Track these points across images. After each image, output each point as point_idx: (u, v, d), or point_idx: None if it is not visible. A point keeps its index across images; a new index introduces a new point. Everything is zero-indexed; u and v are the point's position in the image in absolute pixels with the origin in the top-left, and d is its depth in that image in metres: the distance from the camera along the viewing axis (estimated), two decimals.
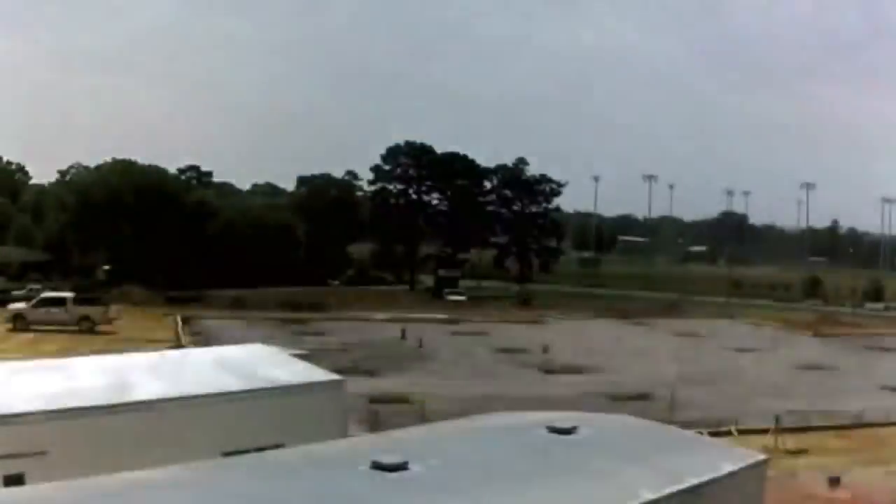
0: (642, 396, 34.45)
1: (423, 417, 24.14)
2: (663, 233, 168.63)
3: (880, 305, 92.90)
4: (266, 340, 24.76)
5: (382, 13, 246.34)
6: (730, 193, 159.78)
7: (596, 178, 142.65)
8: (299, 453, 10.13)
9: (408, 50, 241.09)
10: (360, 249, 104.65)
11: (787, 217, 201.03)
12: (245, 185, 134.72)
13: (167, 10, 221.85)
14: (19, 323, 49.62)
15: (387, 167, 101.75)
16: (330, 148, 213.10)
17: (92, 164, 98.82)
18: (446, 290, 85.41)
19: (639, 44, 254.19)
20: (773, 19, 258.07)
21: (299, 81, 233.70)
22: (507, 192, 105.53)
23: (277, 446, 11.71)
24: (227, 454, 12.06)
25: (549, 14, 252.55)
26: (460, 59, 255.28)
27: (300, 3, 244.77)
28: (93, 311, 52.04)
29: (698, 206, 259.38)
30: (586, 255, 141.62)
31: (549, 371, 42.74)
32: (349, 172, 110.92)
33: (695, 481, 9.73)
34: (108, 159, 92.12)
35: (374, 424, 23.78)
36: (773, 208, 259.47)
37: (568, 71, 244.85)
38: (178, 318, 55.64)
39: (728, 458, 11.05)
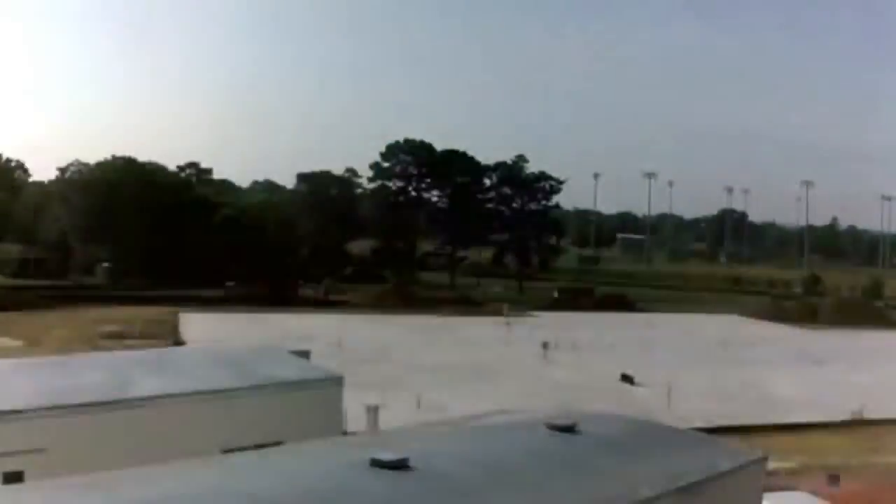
0: None
1: None
2: (663, 230, 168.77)
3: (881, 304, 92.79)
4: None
5: (380, 12, 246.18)
6: (729, 191, 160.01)
7: (595, 176, 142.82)
8: (298, 450, 10.13)
9: (407, 48, 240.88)
10: (360, 246, 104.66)
11: (787, 215, 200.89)
12: (245, 183, 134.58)
13: (166, 6, 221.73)
14: None
15: (386, 164, 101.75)
16: (330, 145, 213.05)
17: (92, 161, 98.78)
18: None
19: (639, 41, 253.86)
20: (775, 17, 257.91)
21: (300, 79, 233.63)
22: (507, 190, 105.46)
23: (277, 443, 11.72)
24: (227, 451, 12.07)
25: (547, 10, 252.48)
26: (459, 55, 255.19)
27: (300, 2, 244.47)
28: None
29: (698, 203, 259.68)
30: (586, 252, 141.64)
31: None
32: (349, 170, 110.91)
33: (694, 479, 9.73)
34: (108, 157, 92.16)
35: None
36: (773, 206, 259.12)
37: (569, 66, 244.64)
38: (179, 315, 55.72)
39: (727, 455, 11.05)
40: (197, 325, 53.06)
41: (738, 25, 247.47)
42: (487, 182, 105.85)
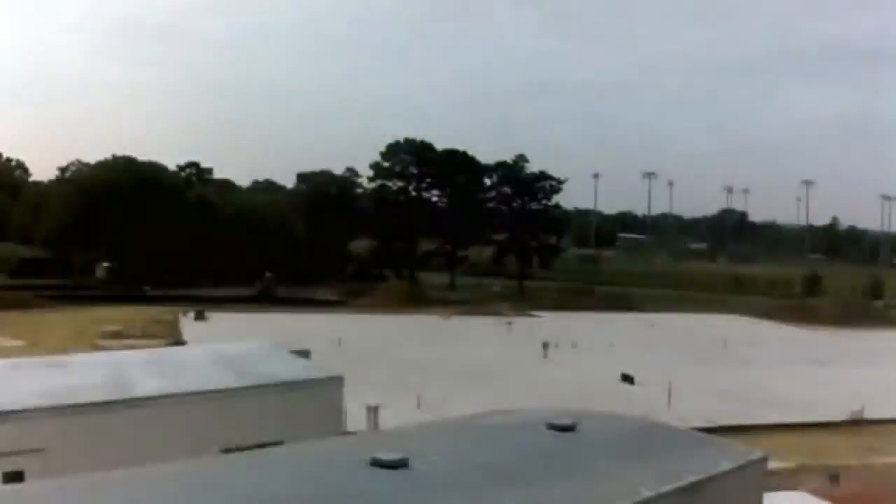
0: None
1: None
2: (663, 230, 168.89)
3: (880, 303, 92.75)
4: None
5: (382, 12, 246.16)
6: (729, 190, 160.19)
7: (596, 175, 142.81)
8: (298, 450, 10.12)
9: (407, 47, 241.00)
10: (360, 246, 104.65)
11: (787, 214, 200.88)
12: (245, 182, 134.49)
13: (168, 7, 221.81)
14: None
15: (386, 164, 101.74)
16: (330, 145, 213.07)
17: (92, 160, 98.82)
18: None
19: (640, 42, 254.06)
20: (773, 20, 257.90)
21: (300, 78, 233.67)
22: (507, 190, 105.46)
23: (276, 443, 11.71)
24: (226, 451, 12.07)
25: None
26: (457, 55, 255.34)
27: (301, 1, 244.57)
28: None
29: (698, 203, 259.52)
30: (586, 252, 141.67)
31: None
32: (349, 169, 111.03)
33: (694, 479, 9.71)
34: (109, 156, 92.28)
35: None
36: (773, 205, 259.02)
37: (569, 67, 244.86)
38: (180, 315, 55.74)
39: (727, 455, 11.02)
40: (197, 324, 53.15)
41: None
42: (487, 182, 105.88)
